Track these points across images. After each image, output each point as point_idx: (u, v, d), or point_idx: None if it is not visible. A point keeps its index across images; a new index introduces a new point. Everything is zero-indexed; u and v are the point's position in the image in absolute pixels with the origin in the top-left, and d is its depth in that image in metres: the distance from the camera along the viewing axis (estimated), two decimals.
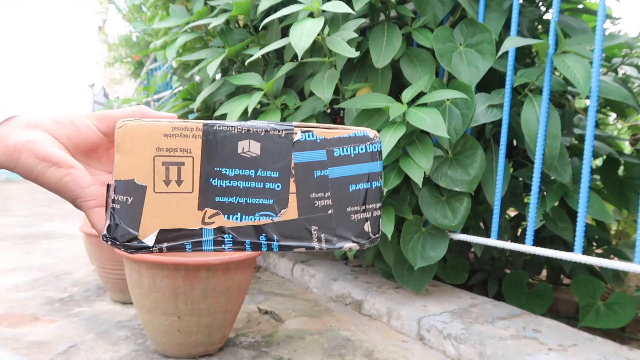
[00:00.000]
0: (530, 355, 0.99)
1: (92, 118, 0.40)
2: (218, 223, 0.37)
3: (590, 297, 1.30)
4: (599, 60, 1.04)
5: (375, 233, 0.39)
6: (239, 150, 0.37)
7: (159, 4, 1.99)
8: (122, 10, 5.80)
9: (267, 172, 0.37)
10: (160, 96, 3.71)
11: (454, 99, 1.20)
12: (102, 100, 7.19)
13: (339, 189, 0.38)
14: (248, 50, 1.45)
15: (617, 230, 1.88)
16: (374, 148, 0.38)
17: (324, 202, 0.38)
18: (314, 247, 0.38)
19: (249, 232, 0.37)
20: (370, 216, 0.38)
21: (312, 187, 0.38)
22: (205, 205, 0.37)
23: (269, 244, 0.38)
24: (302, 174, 0.38)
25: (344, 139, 0.38)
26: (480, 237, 1.26)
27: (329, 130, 0.38)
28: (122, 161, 0.36)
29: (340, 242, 0.38)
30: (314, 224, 0.38)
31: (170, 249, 0.37)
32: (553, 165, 1.15)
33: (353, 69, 1.38)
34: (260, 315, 1.35)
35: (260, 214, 0.37)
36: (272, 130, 0.37)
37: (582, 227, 1.06)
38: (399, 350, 1.14)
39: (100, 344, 1.12)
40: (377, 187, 0.39)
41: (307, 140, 0.38)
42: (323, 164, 0.38)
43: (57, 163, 0.36)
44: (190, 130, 0.37)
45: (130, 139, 0.36)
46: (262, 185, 0.37)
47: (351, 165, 0.38)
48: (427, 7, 1.28)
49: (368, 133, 0.38)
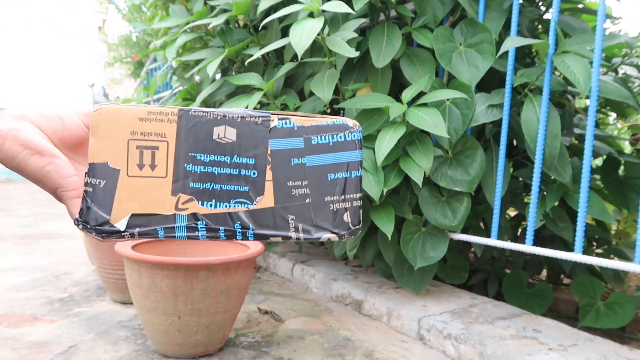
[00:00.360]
0: (530, 355, 0.98)
1: (80, 114, 0.40)
2: (192, 209, 0.36)
3: (590, 297, 1.30)
4: (599, 60, 1.04)
5: (355, 224, 0.38)
6: (214, 135, 0.36)
7: (158, 4, 1.99)
8: (122, 10, 5.80)
9: (243, 158, 0.37)
10: (160, 96, 3.71)
11: (454, 99, 1.20)
12: (102, 100, 7.19)
13: (317, 178, 0.37)
14: (248, 50, 1.45)
15: (617, 230, 1.88)
16: (354, 137, 0.38)
17: (302, 191, 0.37)
18: (290, 237, 0.37)
19: (223, 219, 0.37)
20: (349, 206, 0.38)
21: (289, 175, 0.37)
22: (179, 191, 0.36)
23: (244, 232, 0.37)
24: (278, 161, 0.37)
25: (322, 127, 0.37)
26: (480, 237, 1.26)
27: (307, 118, 0.37)
28: (96, 144, 0.36)
29: (318, 232, 0.37)
30: (290, 212, 0.37)
31: (142, 234, 0.36)
32: (553, 165, 1.15)
33: (353, 69, 1.38)
34: (261, 315, 1.35)
35: (235, 201, 0.37)
36: (249, 116, 0.37)
37: (582, 227, 1.06)
38: (399, 350, 1.14)
39: (100, 344, 1.12)
40: (356, 176, 0.38)
41: (284, 127, 0.37)
42: (300, 152, 0.37)
43: (40, 151, 0.36)
44: (166, 115, 0.36)
45: (105, 122, 0.36)
46: (237, 172, 0.37)
47: (330, 153, 0.37)
48: (427, 7, 1.28)
49: (347, 122, 0.38)
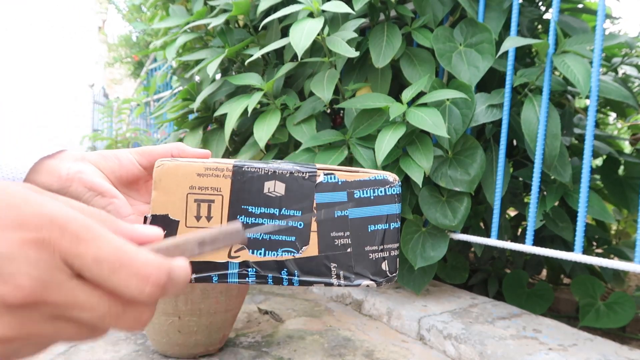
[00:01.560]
0: (530, 355, 0.99)
1: (134, 153, 0.44)
2: (243, 257, 0.39)
3: (590, 296, 1.30)
4: (598, 60, 1.04)
5: (392, 272, 0.41)
6: (265, 190, 0.40)
7: (158, 4, 1.99)
8: (121, 10, 5.80)
9: (291, 211, 0.40)
10: (160, 96, 3.71)
11: (453, 99, 1.20)
12: (102, 100, 7.18)
13: (358, 229, 0.40)
14: (248, 50, 1.45)
15: (617, 229, 1.88)
16: (393, 191, 0.40)
17: (344, 241, 0.40)
18: (332, 284, 0.40)
19: (271, 266, 0.39)
20: (387, 255, 0.40)
21: (333, 226, 0.40)
22: None
23: (290, 279, 0.40)
24: (323, 213, 0.40)
25: (364, 182, 0.40)
26: (480, 237, 1.26)
27: (350, 174, 0.40)
28: (158, 197, 0.39)
29: (358, 279, 0.40)
30: (333, 261, 0.40)
31: (198, 279, 0.39)
32: (553, 165, 1.15)
33: (353, 69, 1.38)
34: (261, 315, 1.35)
35: (282, 250, 0.39)
36: (297, 172, 0.40)
37: (582, 226, 1.06)
38: (399, 350, 1.14)
39: (101, 344, 1.12)
40: (394, 228, 0.40)
41: (329, 182, 0.40)
42: (344, 205, 0.40)
43: (102, 192, 0.40)
44: (221, 171, 0.40)
45: (166, 178, 0.39)
46: (285, 223, 0.40)
47: (370, 206, 0.40)
48: (426, 7, 1.28)
49: (388, 177, 0.41)
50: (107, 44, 6.91)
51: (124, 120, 3.88)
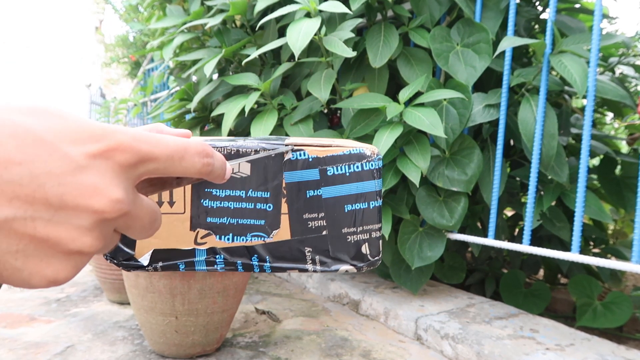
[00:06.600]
0: (527, 355, 0.99)
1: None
2: (210, 243, 0.37)
3: (587, 296, 1.31)
4: (595, 60, 1.04)
5: (374, 255, 0.37)
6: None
7: (155, 4, 1.99)
8: (118, 10, 5.78)
9: (258, 192, 0.37)
10: (157, 96, 3.70)
11: (451, 99, 1.20)
12: (99, 100, 7.17)
13: (333, 209, 0.37)
14: (245, 51, 1.45)
15: (615, 229, 1.88)
16: (371, 166, 0.37)
17: (318, 223, 0.37)
18: (307, 269, 0.37)
19: (241, 252, 0.37)
20: (368, 237, 0.37)
21: (305, 208, 0.37)
22: (197, 226, 0.37)
23: (261, 265, 0.37)
24: (293, 194, 0.37)
25: (337, 157, 0.37)
26: (477, 236, 1.26)
27: (322, 149, 0.37)
28: None
29: (336, 264, 0.37)
30: (307, 245, 0.37)
31: (164, 268, 0.38)
32: (550, 164, 1.16)
33: (350, 68, 1.38)
34: (258, 315, 1.35)
35: (252, 234, 0.37)
36: (262, 150, 0.36)
37: (579, 226, 1.06)
38: (396, 350, 1.14)
39: (98, 345, 1.12)
40: (375, 206, 0.37)
41: (299, 159, 0.37)
42: (316, 184, 0.37)
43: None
44: None
45: None
46: (253, 206, 0.37)
47: (346, 184, 0.37)
48: (424, 6, 1.28)
49: (365, 150, 0.37)
50: (104, 44, 6.90)
51: (121, 121, 3.87)
